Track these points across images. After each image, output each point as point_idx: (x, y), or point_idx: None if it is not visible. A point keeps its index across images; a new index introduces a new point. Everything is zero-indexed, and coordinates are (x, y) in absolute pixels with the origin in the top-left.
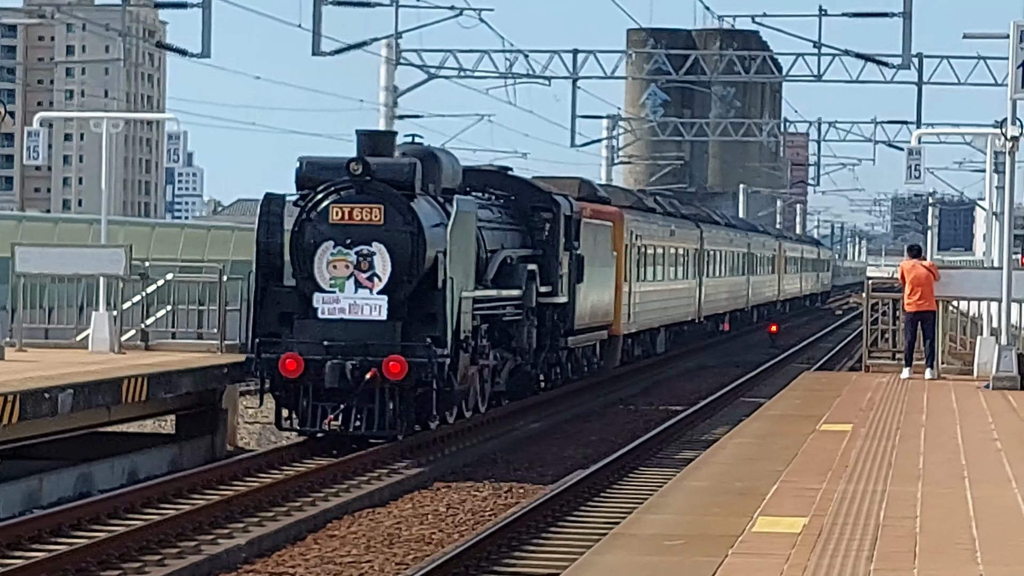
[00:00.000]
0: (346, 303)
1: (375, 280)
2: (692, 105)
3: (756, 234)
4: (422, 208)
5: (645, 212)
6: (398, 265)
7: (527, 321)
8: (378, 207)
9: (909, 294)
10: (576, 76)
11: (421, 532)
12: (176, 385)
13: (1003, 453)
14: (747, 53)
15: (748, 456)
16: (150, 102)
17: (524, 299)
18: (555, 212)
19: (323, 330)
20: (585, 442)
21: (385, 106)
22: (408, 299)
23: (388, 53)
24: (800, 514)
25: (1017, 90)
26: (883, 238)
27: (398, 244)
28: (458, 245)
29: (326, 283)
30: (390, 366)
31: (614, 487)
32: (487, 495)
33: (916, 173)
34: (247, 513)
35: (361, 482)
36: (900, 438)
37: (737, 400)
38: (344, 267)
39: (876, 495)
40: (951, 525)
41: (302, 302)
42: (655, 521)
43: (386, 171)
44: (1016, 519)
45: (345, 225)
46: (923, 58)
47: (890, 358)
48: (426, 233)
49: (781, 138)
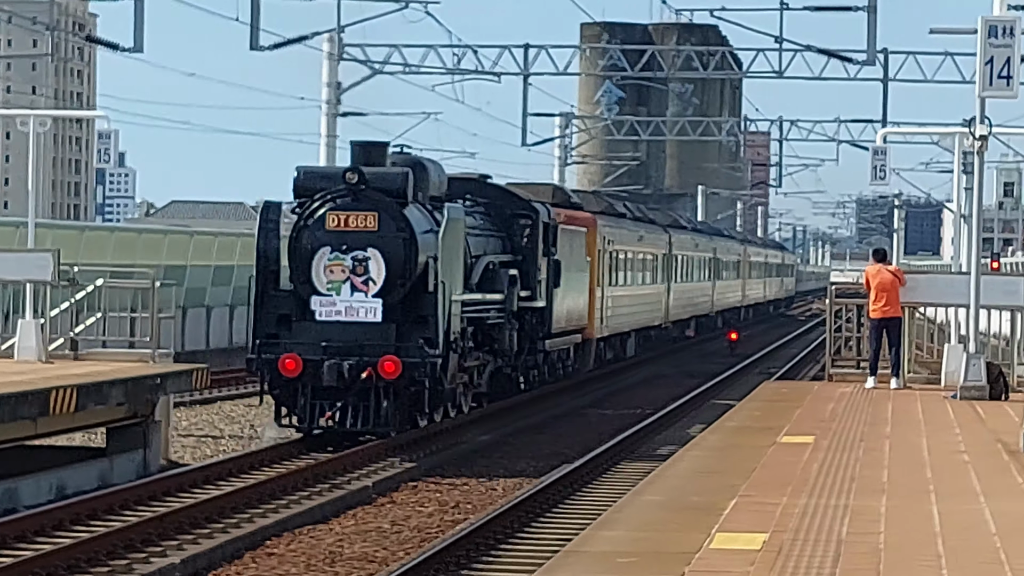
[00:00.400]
0: (342, 306)
1: (370, 284)
2: (648, 103)
3: (721, 239)
4: (414, 215)
5: (616, 217)
6: (392, 269)
7: (508, 324)
8: (373, 214)
9: (874, 300)
10: (527, 72)
11: (364, 550)
12: (107, 396)
13: (970, 466)
14: (706, 48)
15: (705, 469)
16: (80, 99)
17: (506, 303)
18: (534, 219)
19: (321, 331)
20: (537, 455)
21: (327, 103)
22: (401, 302)
23: (330, 48)
24: (759, 530)
25: (985, 87)
26: (847, 242)
27: (392, 249)
28: (448, 251)
29: (323, 287)
30: (385, 366)
31: (567, 502)
32: (433, 511)
33: (881, 174)
34: (181, 530)
35: (302, 497)
36: (864, 450)
37: (692, 414)
38: (340, 271)
39: (838, 510)
40: (916, 541)
41: (299, 305)
42: (608, 538)
43: (380, 180)
44: (983, 535)
45: (341, 231)
46: (888, 54)
47: (854, 367)
48: (418, 239)
49: (741, 137)
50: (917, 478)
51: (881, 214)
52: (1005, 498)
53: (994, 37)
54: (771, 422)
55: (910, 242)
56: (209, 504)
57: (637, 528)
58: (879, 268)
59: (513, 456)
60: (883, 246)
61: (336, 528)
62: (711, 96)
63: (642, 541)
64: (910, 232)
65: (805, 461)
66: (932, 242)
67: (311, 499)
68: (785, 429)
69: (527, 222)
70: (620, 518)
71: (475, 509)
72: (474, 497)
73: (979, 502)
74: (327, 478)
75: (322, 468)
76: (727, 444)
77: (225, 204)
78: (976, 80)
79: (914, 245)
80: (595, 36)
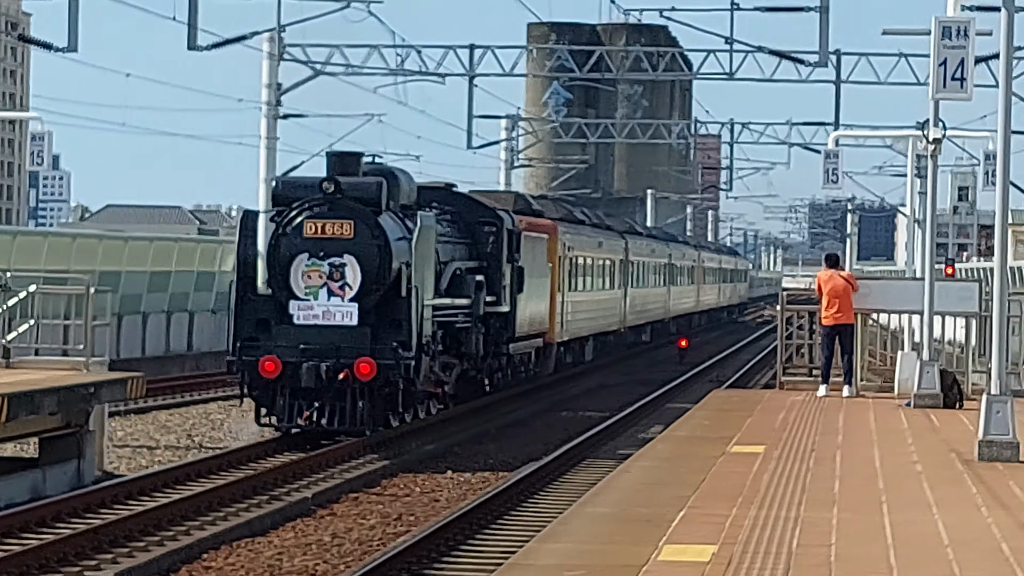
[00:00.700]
0: (320, 310)
1: (346, 289)
2: (597, 105)
3: (676, 244)
4: (387, 223)
5: (576, 224)
6: (367, 275)
7: (475, 329)
8: (348, 222)
9: (826, 306)
10: (473, 73)
11: (304, 563)
12: (39, 406)
13: (923, 476)
14: (655, 49)
15: (654, 480)
16: (12, 100)
17: (473, 308)
18: (499, 227)
19: (299, 335)
20: (483, 464)
21: (267, 104)
22: (376, 306)
23: (270, 48)
24: (708, 542)
25: (939, 89)
26: (800, 247)
27: (367, 256)
28: (421, 257)
29: (301, 292)
30: (361, 367)
31: (512, 513)
32: (375, 523)
33: (833, 177)
34: (116, 543)
35: (240, 509)
36: (815, 461)
37: (643, 422)
38: (318, 277)
39: (789, 521)
40: (868, 553)
41: (278, 309)
42: (554, 550)
43: (355, 190)
44: (936, 546)
45: (318, 239)
46: (841, 55)
47: (806, 375)
48: (392, 246)
49: (691, 140)
50: (869, 489)
51: (834, 218)
52: (958, 509)
53: (948, 38)
54: (721, 432)
55: (863, 247)
56: (145, 516)
57: (584, 540)
58: (831, 274)
59: (457, 466)
60: (836, 251)
61: (275, 541)
62: (661, 98)
63: (589, 554)
64: (863, 237)
65: (755, 471)
66: (886, 247)
67: (249, 511)
68: (735, 439)
69: (492, 229)
70: (566, 530)
71: (418, 521)
72: (417, 509)
73: (932, 513)
74: (266, 489)
75: (260, 478)
76: (676, 454)
77: (162, 208)
78: (930, 82)
79: (867, 250)
80: (542, 36)
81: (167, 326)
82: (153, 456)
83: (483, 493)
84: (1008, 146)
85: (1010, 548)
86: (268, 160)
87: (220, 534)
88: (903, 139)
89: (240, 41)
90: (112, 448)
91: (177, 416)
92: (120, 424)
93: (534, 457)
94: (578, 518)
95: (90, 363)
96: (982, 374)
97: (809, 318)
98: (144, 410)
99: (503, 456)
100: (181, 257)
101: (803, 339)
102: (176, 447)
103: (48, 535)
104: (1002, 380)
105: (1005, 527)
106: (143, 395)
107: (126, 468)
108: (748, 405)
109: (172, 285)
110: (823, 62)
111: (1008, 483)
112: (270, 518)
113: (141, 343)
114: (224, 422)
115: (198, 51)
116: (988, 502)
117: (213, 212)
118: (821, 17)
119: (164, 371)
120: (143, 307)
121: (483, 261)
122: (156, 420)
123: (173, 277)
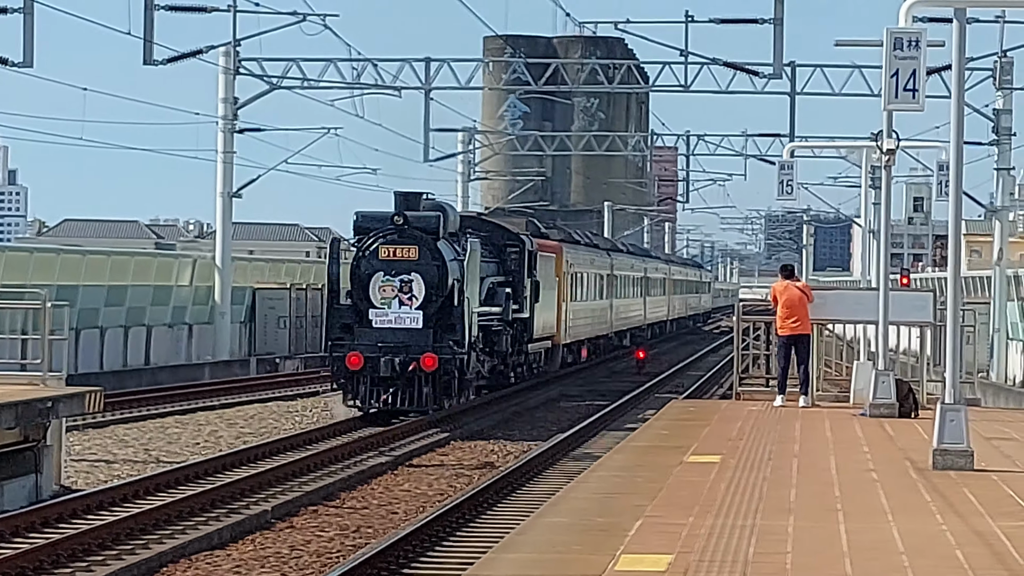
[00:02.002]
0: (392, 316)
1: (413, 299)
2: (553, 117)
3: (650, 259)
4: (444, 248)
5: (575, 244)
6: (429, 289)
7: (505, 331)
8: (414, 247)
9: (782, 317)
10: (429, 87)
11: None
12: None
13: (879, 484)
14: (611, 62)
15: (611, 490)
16: None
17: (503, 314)
18: (521, 248)
19: (377, 335)
20: (438, 475)
21: (223, 119)
22: (435, 313)
23: (226, 62)
24: (665, 551)
25: (891, 100)
26: (756, 258)
27: (429, 274)
28: (469, 274)
29: (378, 302)
30: (425, 360)
31: (471, 525)
32: (333, 535)
33: (788, 189)
34: (75, 558)
35: (199, 523)
36: (771, 469)
37: (602, 432)
38: (391, 290)
39: (746, 530)
40: (824, 561)
41: (358, 316)
42: (512, 561)
43: (418, 221)
44: (891, 554)
45: (391, 260)
46: (796, 67)
47: (763, 385)
48: (447, 266)
49: (648, 152)
50: (825, 497)
51: (790, 230)
52: (913, 517)
53: (899, 49)
54: (678, 441)
55: (819, 258)
56: (104, 530)
57: (541, 550)
58: (787, 284)
59: (414, 479)
60: (792, 262)
61: (234, 554)
62: (617, 111)
63: (546, 564)
64: (819, 248)
65: (712, 481)
66: (841, 258)
67: (208, 524)
68: (692, 448)
69: (516, 250)
70: (524, 540)
71: (376, 534)
72: (375, 521)
73: (887, 521)
74: (224, 502)
75: (219, 492)
76: (634, 464)
77: (119, 222)
78: (882, 93)
79: (823, 261)
80: (498, 50)
81: (124, 340)
82: (111, 470)
83: (441, 505)
84: (960, 156)
85: (964, 555)
86: (225, 174)
87: (179, 548)
88: (857, 150)
89: (196, 55)
90: (70, 462)
91: (135, 430)
92: (78, 438)
93: (482, 472)
94: (536, 528)
95: (48, 377)
96: (937, 383)
97: (765, 329)
98: (102, 424)
99: (462, 467)
100: (138, 271)
101: (759, 350)
102: (134, 461)
103: (6, 550)
104: (956, 389)
105: (960, 534)
106: (101, 409)
107: (84, 482)
108: (705, 415)
109: (129, 299)
110: (778, 74)
111: (962, 491)
112: (229, 531)
113: (99, 357)
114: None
115: (154, 65)
116: (943, 510)
117: (170, 226)
118: (775, 29)
119: (122, 385)
120: (100, 321)
121: (509, 276)
122: (114, 434)
123: (130, 291)
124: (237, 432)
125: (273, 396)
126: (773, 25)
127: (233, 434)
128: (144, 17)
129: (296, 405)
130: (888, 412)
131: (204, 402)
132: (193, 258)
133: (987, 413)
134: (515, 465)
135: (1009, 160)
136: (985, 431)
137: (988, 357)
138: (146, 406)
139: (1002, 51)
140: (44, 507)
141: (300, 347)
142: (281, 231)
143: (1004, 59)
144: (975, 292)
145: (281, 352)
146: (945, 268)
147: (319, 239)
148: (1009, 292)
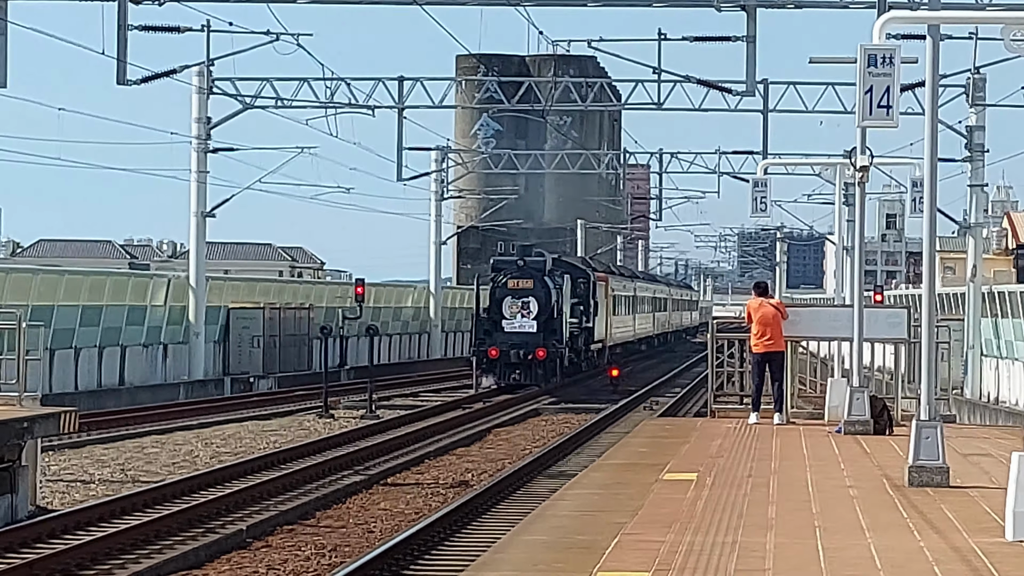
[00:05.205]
0: (517, 324)
1: (530, 314)
2: (527, 136)
3: (657, 283)
4: (548, 281)
5: (615, 274)
6: (540, 308)
7: (580, 335)
8: (530, 280)
9: (756, 334)
10: (402, 105)
11: None
12: None
13: (856, 501)
14: (584, 80)
15: (589, 507)
16: None
17: (580, 323)
18: (587, 279)
19: (507, 337)
20: (413, 494)
21: (197, 139)
22: (544, 323)
23: (199, 82)
24: (643, 568)
25: (865, 117)
26: (730, 275)
27: (540, 298)
28: (564, 298)
29: (507, 316)
30: (539, 353)
31: (448, 542)
32: (310, 555)
33: (762, 206)
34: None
35: (175, 542)
36: (750, 487)
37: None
38: (516, 308)
39: (725, 547)
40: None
41: (495, 325)
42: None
43: (533, 264)
44: (870, 570)
45: (516, 289)
46: (769, 85)
47: (738, 402)
48: (552, 293)
49: (621, 170)
50: (803, 514)
51: (763, 247)
52: (890, 533)
53: (873, 66)
54: (655, 459)
55: (793, 275)
56: (80, 550)
57: (518, 568)
58: (761, 302)
59: (391, 497)
60: (765, 279)
61: (211, 574)
62: (590, 128)
63: None
64: (792, 265)
65: (690, 498)
66: (815, 275)
67: (185, 543)
68: (669, 466)
69: (584, 280)
70: (501, 558)
71: (353, 553)
72: (352, 540)
73: (865, 538)
74: (200, 522)
75: (196, 511)
76: (611, 481)
77: (93, 242)
78: (856, 110)
79: (797, 278)
80: (471, 68)
81: (99, 360)
82: (88, 490)
83: (414, 524)
84: (935, 173)
85: (942, 572)
86: (199, 194)
87: (155, 567)
88: (831, 167)
89: (169, 75)
90: (46, 483)
91: (113, 450)
92: (54, 458)
93: (465, 481)
94: (513, 546)
95: (23, 398)
96: (911, 400)
97: (739, 346)
98: (78, 444)
99: (438, 486)
100: (113, 291)
101: (734, 367)
102: (111, 481)
103: None
104: (931, 406)
105: (937, 551)
106: (76, 429)
107: (60, 503)
108: (682, 433)
109: (104, 319)
110: (751, 91)
111: (939, 507)
112: (206, 550)
113: (74, 377)
114: (170, 450)
115: (127, 85)
116: (919, 526)
117: (144, 246)
118: (748, 47)
119: (97, 405)
120: (75, 341)
121: (580, 298)
122: (91, 454)
123: (105, 311)
124: (214, 451)
125: (248, 415)
126: (746, 43)
127: (210, 453)
128: (118, 37)
129: (272, 424)
130: (863, 429)
131: (181, 422)
132: (168, 278)
133: (963, 429)
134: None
135: (982, 177)
136: (961, 447)
137: (963, 374)
138: (124, 426)
139: (975, 68)
140: (20, 528)
141: (273, 367)
142: (255, 250)
143: (977, 76)
144: (949, 309)
145: (255, 371)
146: (919, 285)
147: (292, 258)
148: (983, 309)
